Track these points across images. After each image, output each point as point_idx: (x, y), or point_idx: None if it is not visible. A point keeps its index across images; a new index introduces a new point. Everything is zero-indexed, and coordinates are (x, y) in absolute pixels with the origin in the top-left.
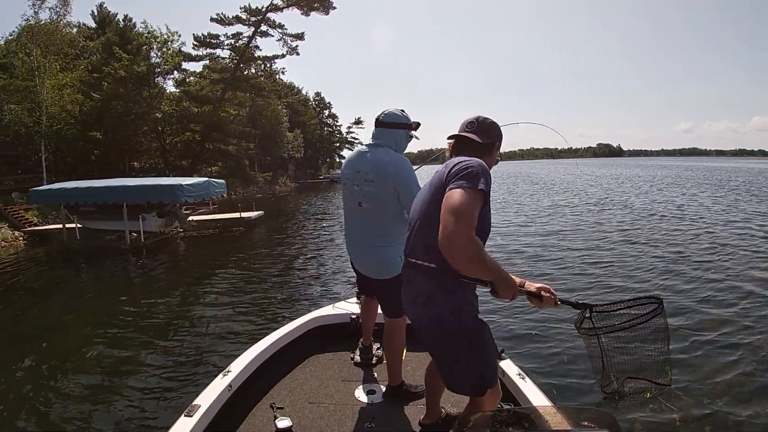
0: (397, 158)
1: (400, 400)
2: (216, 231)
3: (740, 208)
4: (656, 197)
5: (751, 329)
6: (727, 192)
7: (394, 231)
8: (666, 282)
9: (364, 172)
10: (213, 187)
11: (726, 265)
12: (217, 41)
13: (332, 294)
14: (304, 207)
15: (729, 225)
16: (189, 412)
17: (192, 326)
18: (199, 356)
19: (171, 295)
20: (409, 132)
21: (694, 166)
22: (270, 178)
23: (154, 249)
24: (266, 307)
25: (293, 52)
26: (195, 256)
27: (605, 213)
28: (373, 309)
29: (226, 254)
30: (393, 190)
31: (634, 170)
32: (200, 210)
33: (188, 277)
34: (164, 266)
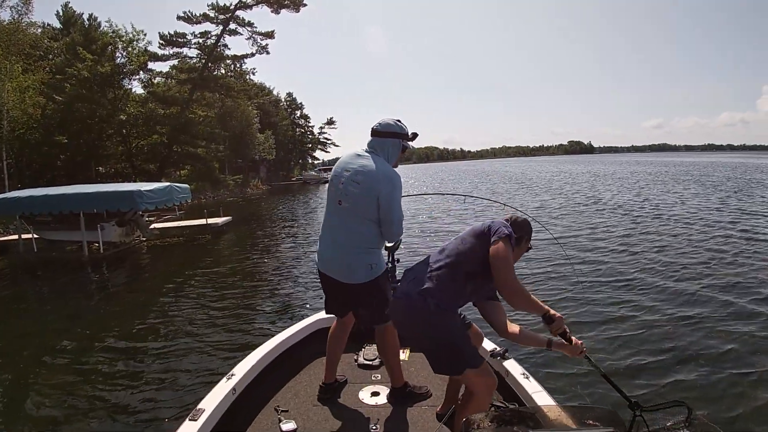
0: (391, 172)
1: (405, 401)
2: (181, 239)
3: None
4: (643, 196)
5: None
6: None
7: (367, 237)
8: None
9: (354, 173)
10: (176, 193)
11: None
12: (184, 40)
13: (305, 305)
14: (276, 210)
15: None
16: (193, 416)
17: (154, 345)
18: (161, 375)
19: (130, 311)
20: (403, 142)
21: (667, 161)
22: (240, 180)
23: (115, 260)
24: (236, 319)
25: (263, 51)
26: (158, 267)
27: (604, 214)
28: (343, 336)
29: (191, 264)
30: (376, 200)
31: (609, 167)
32: (166, 216)
33: (150, 290)
34: (124, 279)
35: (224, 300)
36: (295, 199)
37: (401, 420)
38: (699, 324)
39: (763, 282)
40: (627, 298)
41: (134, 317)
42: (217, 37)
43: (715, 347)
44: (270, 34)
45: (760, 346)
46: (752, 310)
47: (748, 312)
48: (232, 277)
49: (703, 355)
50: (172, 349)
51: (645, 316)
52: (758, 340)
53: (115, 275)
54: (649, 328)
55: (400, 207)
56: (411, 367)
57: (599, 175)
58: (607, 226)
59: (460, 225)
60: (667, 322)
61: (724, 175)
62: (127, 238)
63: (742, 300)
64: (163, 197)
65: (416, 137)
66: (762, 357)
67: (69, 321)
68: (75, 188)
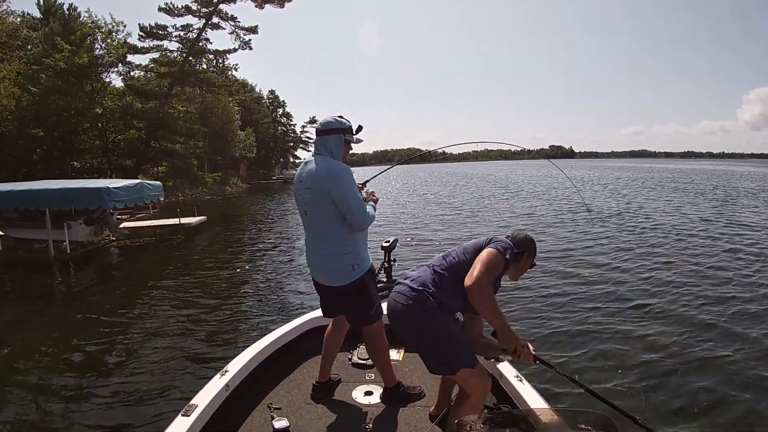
0: (333, 165)
1: (399, 401)
2: (153, 239)
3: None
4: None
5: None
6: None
7: (340, 239)
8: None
9: (304, 180)
10: (147, 191)
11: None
12: (165, 32)
13: (285, 309)
14: (254, 210)
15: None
16: (186, 411)
17: (118, 355)
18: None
19: (93, 316)
20: (345, 136)
21: (650, 167)
22: (219, 178)
23: (82, 261)
24: (211, 326)
25: (246, 47)
26: (126, 269)
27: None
28: (339, 336)
29: (162, 265)
30: (329, 199)
31: (593, 172)
32: (139, 215)
33: (115, 294)
34: (90, 281)
35: (194, 305)
36: (275, 199)
37: (394, 420)
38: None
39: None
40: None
41: (110, 316)
42: (199, 31)
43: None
44: (253, 29)
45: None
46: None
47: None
48: (204, 279)
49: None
50: (151, 351)
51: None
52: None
53: (76, 278)
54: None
55: (355, 196)
56: (405, 368)
57: (585, 181)
58: (606, 237)
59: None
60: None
61: (714, 183)
62: (95, 237)
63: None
64: (133, 195)
65: (360, 130)
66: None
67: (45, 321)
68: (40, 184)
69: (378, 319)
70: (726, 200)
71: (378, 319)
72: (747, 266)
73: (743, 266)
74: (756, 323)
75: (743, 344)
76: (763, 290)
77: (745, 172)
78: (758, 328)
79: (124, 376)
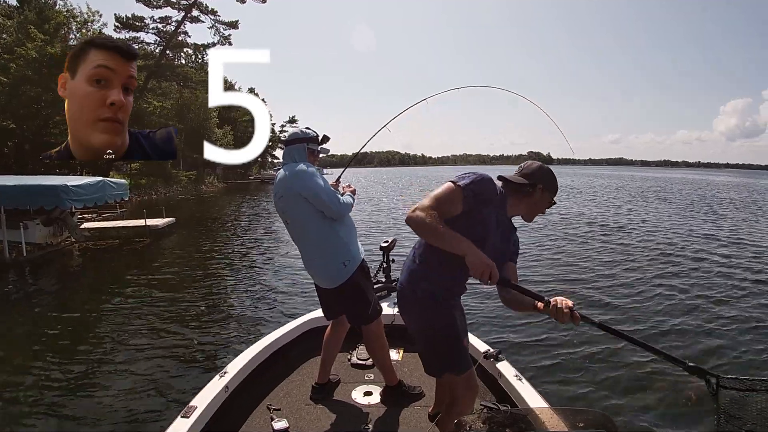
0: (294, 167)
1: (399, 400)
2: (116, 242)
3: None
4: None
5: None
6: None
7: (324, 240)
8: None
9: (276, 191)
10: (109, 189)
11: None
12: (142, 24)
13: (275, 315)
14: (228, 211)
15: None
16: (185, 413)
17: (112, 357)
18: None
19: (45, 327)
20: (308, 145)
21: (630, 176)
22: (194, 177)
23: (39, 265)
24: (170, 341)
25: (226, 42)
26: (90, 274)
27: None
28: (338, 338)
29: (127, 271)
30: (301, 199)
31: (576, 179)
32: (106, 214)
33: (76, 299)
34: (44, 288)
35: (156, 328)
36: (251, 200)
37: (393, 420)
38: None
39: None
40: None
41: (76, 321)
42: (178, 24)
43: None
44: (234, 24)
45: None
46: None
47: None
48: (172, 284)
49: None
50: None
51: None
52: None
53: (31, 283)
54: None
55: (322, 186)
56: (404, 368)
57: (571, 187)
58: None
59: None
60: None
61: (699, 193)
62: (54, 239)
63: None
64: (93, 194)
65: (327, 140)
66: None
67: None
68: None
69: (376, 317)
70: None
71: (376, 318)
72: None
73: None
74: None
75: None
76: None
77: (726, 181)
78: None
79: (124, 377)
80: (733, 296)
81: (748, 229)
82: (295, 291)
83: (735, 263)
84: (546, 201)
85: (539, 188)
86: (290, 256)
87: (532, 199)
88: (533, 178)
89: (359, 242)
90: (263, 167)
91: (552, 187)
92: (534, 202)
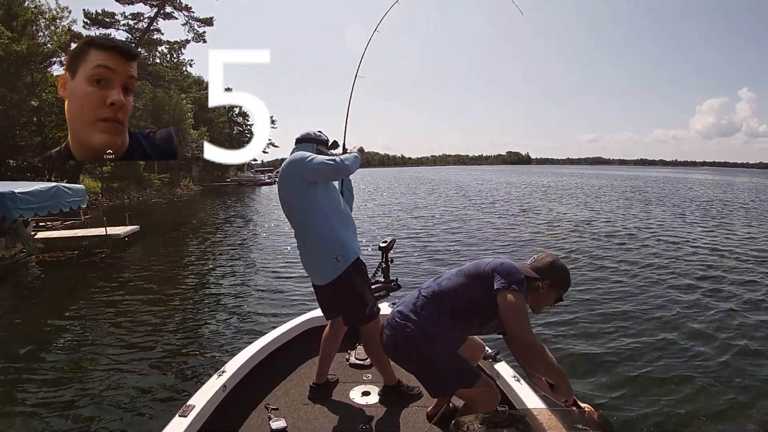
0: (293, 156)
1: (397, 400)
2: (75, 253)
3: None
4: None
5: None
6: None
7: (321, 229)
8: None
9: (279, 181)
10: (64, 196)
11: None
12: (113, 20)
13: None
14: (201, 216)
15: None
16: (183, 412)
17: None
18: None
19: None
20: (317, 146)
21: (611, 175)
22: (167, 180)
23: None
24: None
25: (200, 39)
26: (43, 290)
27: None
28: (337, 338)
29: (86, 285)
30: (301, 183)
31: (554, 179)
32: (69, 221)
33: (25, 329)
34: (7, 300)
35: (116, 351)
36: (227, 204)
37: (391, 420)
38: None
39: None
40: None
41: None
42: (150, 20)
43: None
44: (208, 21)
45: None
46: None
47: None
48: (133, 300)
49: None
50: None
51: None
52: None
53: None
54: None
55: (314, 157)
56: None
57: (551, 187)
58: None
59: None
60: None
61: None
62: (6, 251)
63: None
64: (45, 202)
65: (336, 146)
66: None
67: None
68: None
69: (373, 318)
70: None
71: (373, 319)
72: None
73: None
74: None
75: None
76: None
77: (704, 179)
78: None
79: (122, 376)
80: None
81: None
82: (277, 298)
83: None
84: (553, 297)
85: (547, 284)
86: (268, 262)
87: (537, 294)
88: (542, 273)
89: (356, 240)
90: (241, 169)
91: (560, 284)
92: (541, 297)
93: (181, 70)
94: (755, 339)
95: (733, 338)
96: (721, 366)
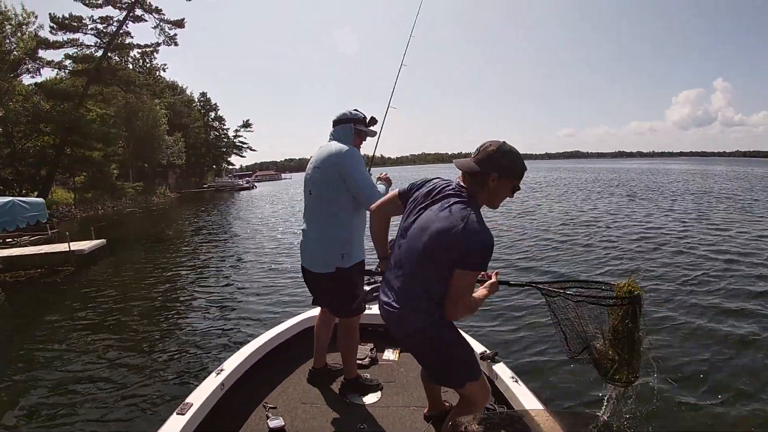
0: (340, 146)
1: (395, 399)
2: (38, 272)
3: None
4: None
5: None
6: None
7: (339, 223)
8: None
9: (314, 161)
10: (20, 211)
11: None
12: (81, 24)
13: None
14: (179, 225)
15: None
16: (181, 410)
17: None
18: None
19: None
20: (355, 125)
21: (592, 168)
22: (141, 188)
23: None
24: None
25: (171, 42)
26: (4, 312)
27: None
28: (329, 322)
29: (45, 308)
30: (338, 176)
31: (537, 174)
32: (36, 237)
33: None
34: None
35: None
36: (204, 211)
37: (389, 419)
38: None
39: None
40: None
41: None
42: (120, 23)
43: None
44: (179, 23)
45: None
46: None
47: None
48: (98, 321)
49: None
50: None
51: None
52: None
53: None
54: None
55: (361, 172)
56: (401, 368)
57: (538, 182)
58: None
59: None
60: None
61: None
62: None
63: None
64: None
65: (374, 122)
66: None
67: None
68: None
69: (358, 314)
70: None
71: (358, 314)
72: None
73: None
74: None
75: None
76: None
77: (683, 169)
78: None
79: (121, 375)
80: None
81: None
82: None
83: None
84: (508, 188)
85: (494, 176)
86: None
87: (489, 189)
88: (484, 165)
89: (363, 245)
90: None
91: (510, 173)
92: (493, 191)
93: (154, 75)
94: None
95: None
96: None
